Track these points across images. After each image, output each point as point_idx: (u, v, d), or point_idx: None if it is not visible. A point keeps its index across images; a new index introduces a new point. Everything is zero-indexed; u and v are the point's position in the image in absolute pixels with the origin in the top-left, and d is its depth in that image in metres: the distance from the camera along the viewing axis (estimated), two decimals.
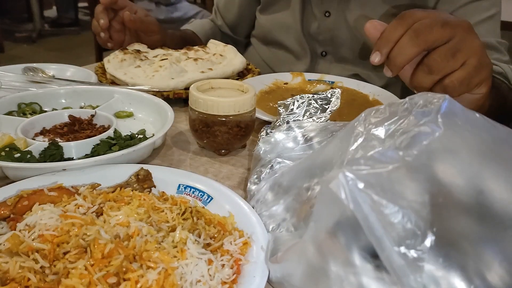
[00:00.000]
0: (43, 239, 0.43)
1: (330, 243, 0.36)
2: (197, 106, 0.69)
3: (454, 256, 0.31)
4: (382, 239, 0.30)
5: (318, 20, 1.12)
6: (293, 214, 0.49)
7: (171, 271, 0.41)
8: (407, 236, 0.30)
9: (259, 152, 0.61)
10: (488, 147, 0.37)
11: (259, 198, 0.54)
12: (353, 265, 0.35)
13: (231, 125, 0.69)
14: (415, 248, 0.30)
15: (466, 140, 0.36)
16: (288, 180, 0.52)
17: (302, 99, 0.65)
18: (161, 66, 0.94)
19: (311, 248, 0.38)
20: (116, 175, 0.59)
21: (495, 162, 0.36)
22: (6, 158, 0.61)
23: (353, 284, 0.35)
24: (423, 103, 0.39)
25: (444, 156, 0.34)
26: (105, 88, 0.88)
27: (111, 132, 0.70)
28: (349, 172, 0.31)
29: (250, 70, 1.10)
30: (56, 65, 1.07)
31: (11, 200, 0.51)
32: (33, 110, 0.80)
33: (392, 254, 0.30)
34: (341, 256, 0.35)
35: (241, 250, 0.47)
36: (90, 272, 0.39)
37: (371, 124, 0.42)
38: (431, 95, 0.39)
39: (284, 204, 0.50)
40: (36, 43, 4.77)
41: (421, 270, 0.30)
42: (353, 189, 0.31)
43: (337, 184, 0.31)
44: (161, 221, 0.49)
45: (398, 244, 0.30)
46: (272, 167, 0.57)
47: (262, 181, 0.56)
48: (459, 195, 0.34)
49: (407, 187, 0.32)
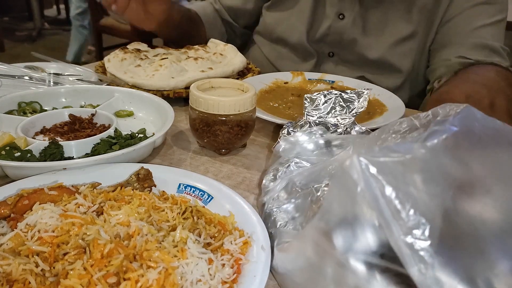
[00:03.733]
0: (42, 241, 0.43)
1: (327, 242, 0.37)
2: (197, 106, 0.69)
3: (459, 255, 0.31)
4: (390, 225, 0.31)
5: (330, 21, 1.11)
6: (302, 213, 0.49)
7: (171, 271, 0.41)
8: (414, 226, 0.31)
9: (279, 150, 0.61)
10: (504, 149, 0.37)
11: (272, 195, 0.55)
12: (347, 266, 0.35)
13: (232, 124, 0.69)
14: (421, 239, 0.31)
15: (481, 140, 0.36)
16: (302, 180, 0.53)
17: (329, 95, 0.63)
18: (161, 65, 0.94)
19: (309, 246, 0.39)
20: (116, 174, 0.59)
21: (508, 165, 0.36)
22: (7, 157, 0.61)
23: (349, 285, 0.36)
24: (444, 113, 0.39)
25: (458, 152, 0.35)
26: (106, 87, 0.88)
27: (111, 131, 0.70)
28: (363, 157, 0.32)
29: (250, 69, 1.10)
30: (56, 63, 1.07)
31: (12, 199, 0.51)
32: (33, 109, 0.80)
33: (399, 242, 0.31)
34: (336, 257, 0.36)
35: (241, 250, 0.47)
36: (90, 272, 0.39)
37: (395, 132, 0.43)
38: (455, 105, 0.39)
39: (295, 203, 0.51)
40: (37, 42, 4.77)
41: (425, 261, 0.30)
42: (365, 172, 0.32)
43: (350, 165, 0.32)
44: (162, 220, 0.49)
45: (405, 233, 0.31)
46: (289, 166, 0.57)
47: (277, 179, 0.57)
48: (471, 192, 0.34)
49: (418, 178, 0.33)
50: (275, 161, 0.61)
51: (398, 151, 0.33)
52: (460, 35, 1.01)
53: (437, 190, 0.33)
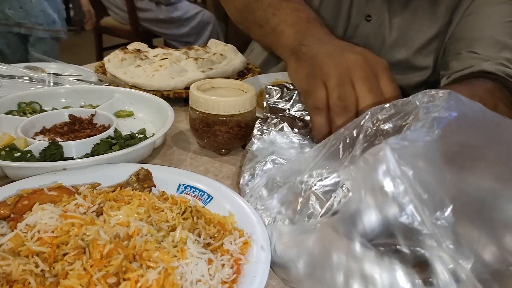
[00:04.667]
0: (42, 241, 0.43)
1: (331, 232, 0.39)
2: (197, 106, 0.69)
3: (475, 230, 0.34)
4: (417, 207, 0.34)
5: (357, 23, 1.08)
6: (288, 207, 0.50)
7: (171, 271, 0.41)
8: (436, 207, 0.34)
9: (254, 149, 0.61)
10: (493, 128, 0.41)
11: (253, 194, 0.55)
12: (354, 253, 0.38)
13: (232, 124, 0.69)
14: (444, 218, 0.34)
15: (475, 121, 0.41)
16: (282, 175, 0.53)
17: (293, 89, 0.64)
18: (161, 66, 0.94)
19: (312, 238, 0.41)
20: (116, 175, 0.59)
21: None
22: (6, 158, 0.60)
23: (355, 271, 0.38)
24: (427, 99, 0.42)
25: (462, 134, 0.39)
26: (106, 88, 0.88)
27: (111, 132, 0.70)
28: (392, 145, 0.36)
29: (250, 69, 1.10)
30: (56, 64, 1.07)
31: (11, 199, 0.51)
32: (33, 109, 0.80)
33: (427, 222, 0.34)
34: (342, 244, 0.38)
35: (241, 250, 0.47)
36: (89, 273, 0.39)
37: (379, 120, 0.45)
38: (434, 91, 0.43)
39: (278, 198, 0.52)
40: None
41: (451, 238, 0.33)
42: (396, 159, 0.35)
43: (384, 155, 0.36)
44: (161, 220, 0.49)
45: (431, 214, 0.34)
46: (266, 164, 0.58)
47: (256, 177, 0.57)
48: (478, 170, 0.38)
49: (436, 162, 0.36)
50: (251, 159, 0.61)
51: (415, 139, 0.37)
52: (475, 30, 1.00)
53: (453, 170, 0.36)
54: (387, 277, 0.37)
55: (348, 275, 0.38)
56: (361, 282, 0.38)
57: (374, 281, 0.37)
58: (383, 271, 0.37)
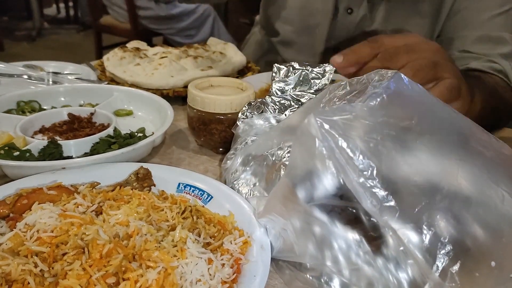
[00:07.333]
0: (41, 241, 0.43)
1: (292, 196, 0.42)
2: (194, 104, 0.69)
3: (399, 197, 0.38)
4: (345, 170, 0.38)
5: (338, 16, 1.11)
6: (262, 178, 0.53)
7: (171, 271, 0.41)
8: (364, 169, 0.38)
9: (238, 132, 0.63)
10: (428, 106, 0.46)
11: (232, 171, 0.58)
12: (311, 216, 0.42)
13: (228, 123, 0.68)
14: (370, 178, 0.37)
15: (410, 99, 0.45)
16: (256, 149, 0.56)
17: (298, 68, 0.66)
18: (160, 64, 0.94)
19: (279, 203, 0.44)
20: (115, 174, 0.59)
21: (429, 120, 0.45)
22: (5, 157, 0.60)
23: (315, 235, 0.42)
24: (378, 78, 0.46)
25: (392, 108, 0.43)
26: (105, 86, 0.88)
27: (110, 131, 0.70)
28: (318, 117, 0.39)
29: (250, 68, 1.10)
30: (55, 62, 1.06)
31: (10, 198, 0.50)
32: (32, 108, 0.79)
33: (353, 182, 0.37)
34: (301, 208, 0.42)
35: (241, 250, 0.47)
36: (89, 273, 0.39)
37: (336, 97, 0.49)
38: (385, 71, 0.46)
39: (251, 170, 0.55)
40: (36, 41, 4.77)
41: (376, 196, 0.37)
42: (321, 128, 0.39)
43: (308, 124, 0.39)
44: (161, 220, 0.49)
45: (358, 175, 0.37)
46: (246, 143, 0.60)
47: (235, 155, 0.59)
48: (404, 138, 0.42)
49: (362, 131, 0.40)
50: (236, 141, 0.63)
51: (346, 111, 0.41)
52: (466, 29, 1.00)
53: (377, 139, 0.40)
54: (342, 241, 0.41)
55: (307, 238, 0.43)
56: (318, 245, 0.42)
57: (329, 243, 0.41)
58: (336, 236, 0.41)
